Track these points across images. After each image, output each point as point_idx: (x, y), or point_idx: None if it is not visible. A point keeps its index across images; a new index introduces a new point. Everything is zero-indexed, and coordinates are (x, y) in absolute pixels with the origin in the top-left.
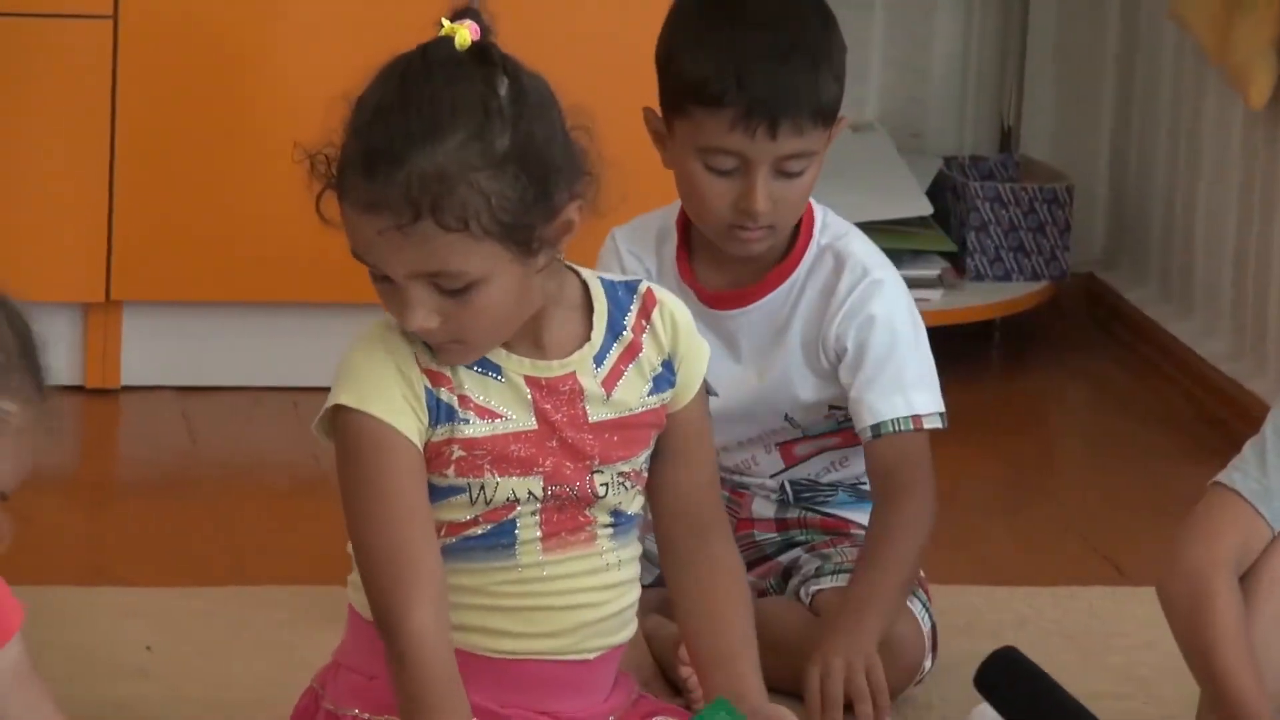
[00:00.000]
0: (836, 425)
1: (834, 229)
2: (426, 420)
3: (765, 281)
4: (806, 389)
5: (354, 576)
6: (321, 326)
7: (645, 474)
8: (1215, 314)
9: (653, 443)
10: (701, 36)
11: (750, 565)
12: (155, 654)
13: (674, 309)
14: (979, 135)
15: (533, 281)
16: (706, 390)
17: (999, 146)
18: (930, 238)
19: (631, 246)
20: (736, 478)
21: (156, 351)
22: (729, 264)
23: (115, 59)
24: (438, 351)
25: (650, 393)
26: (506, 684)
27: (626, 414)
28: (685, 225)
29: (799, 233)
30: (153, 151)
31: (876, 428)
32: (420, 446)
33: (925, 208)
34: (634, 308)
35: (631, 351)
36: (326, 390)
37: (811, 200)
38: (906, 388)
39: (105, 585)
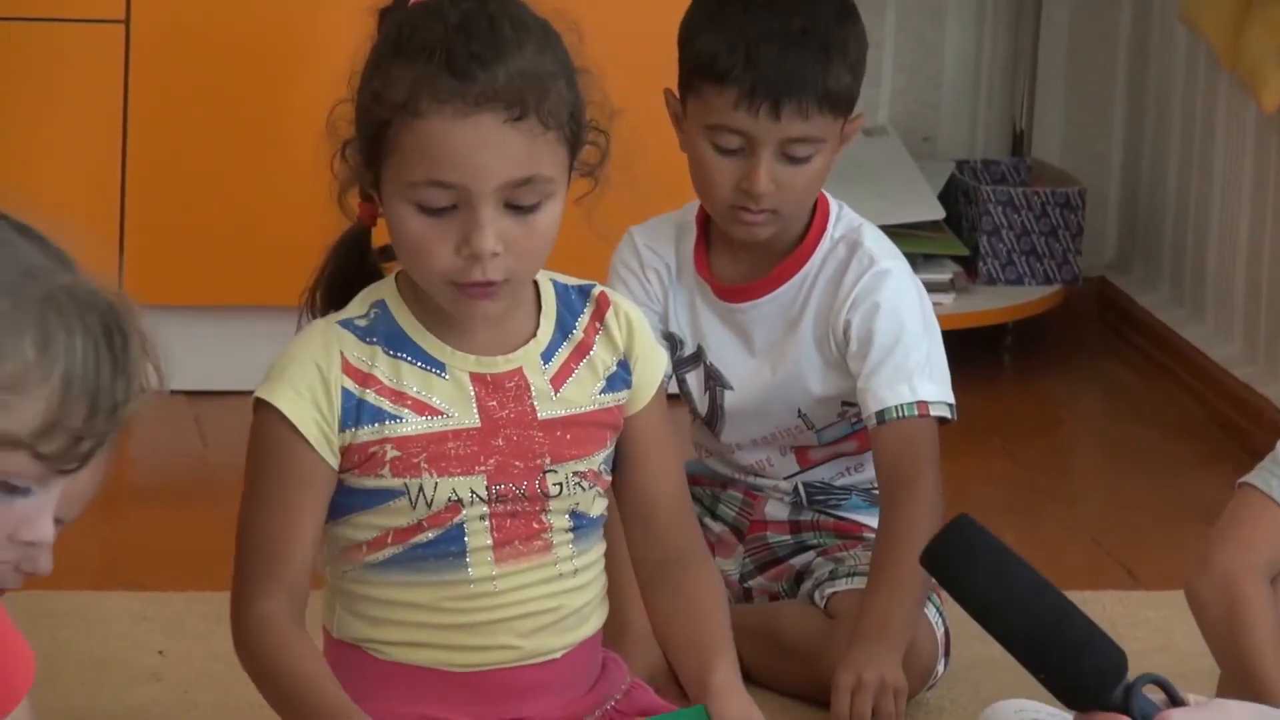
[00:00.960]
0: (850, 428)
1: (848, 222)
2: (335, 422)
3: (777, 273)
4: (817, 381)
5: (325, 595)
6: None
7: (606, 477)
8: (1228, 318)
9: (610, 444)
10: (717, 16)
11: (763, 568)
12: (167, 658)
13: (629, 311)
14: (991, 139)
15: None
16: (722, 384)
17: (1011, 150)
18: (942, 241)
19: (649, 242)
20: (751, 479)
21: (168, 355)
22: (744, 257)
23: (127, 63)
24: (470, 304)
25: (603, 391)
26: (478, 697)
27: (577, 411)
28: (704, 219)
29: (812, 225)
30: (164, 155)
31: (881, 414)
32: (324, 449)
33: (937, 211)
34: (587, 310)
35: (582, 350)
36: None
37: (828, 195)
38: (912, 375)
39: (117, 590)
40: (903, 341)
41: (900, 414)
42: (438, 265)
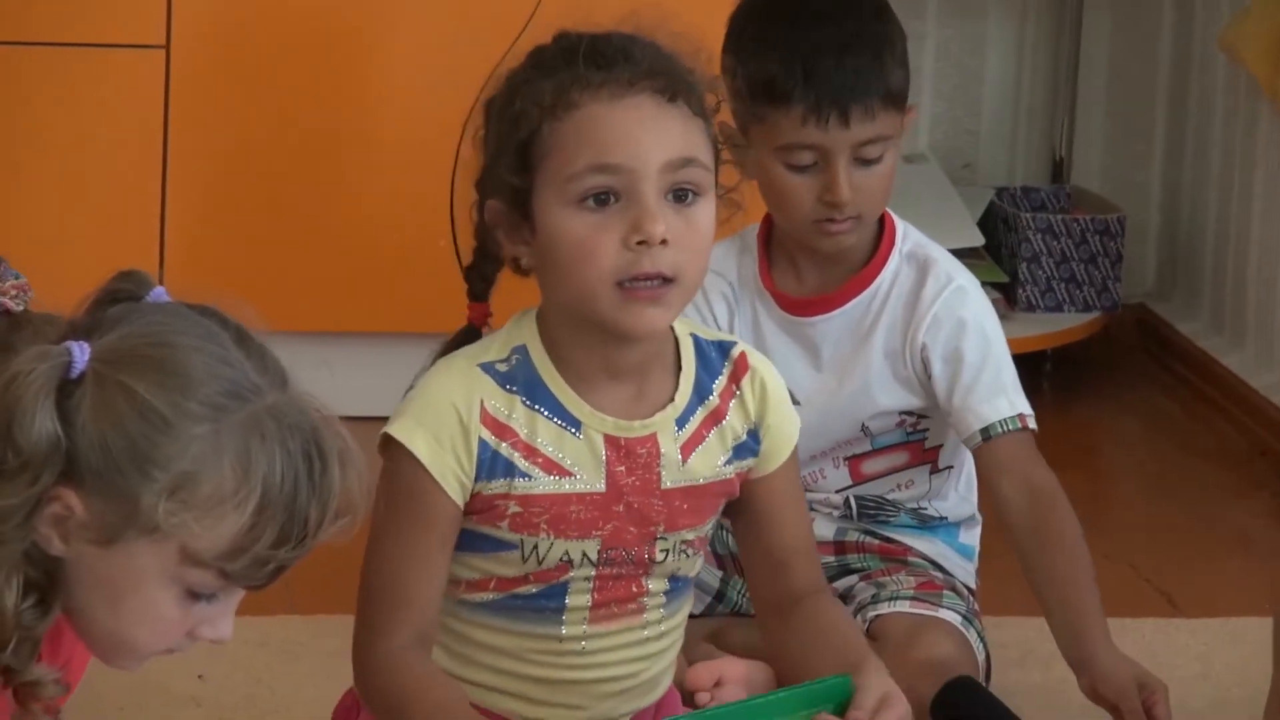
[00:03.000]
0: (905, 436)
1: (915, 237)
2: (472, 472)
3: (848, 287)
4: (886, 394)
5: None
6: (379, 355)
7: (708, 539)
8: (1268, 345)
9: (720, 509)
10: (764, 38)
11: None
12: (207, 683)
13: (765, 375)
14: (1030, 166)
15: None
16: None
17: (1050, 177)
18: (982, 269)
19: (710, 265)
20: None
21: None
22: (810, 272)
23: (167, 88)
24: (638, 311)
25: (727, 462)
26: None
27: (699, 482)
28: (765, 237)
29: (881, 240)
30: (205, 180)
31: (986, 431)
32: (458, 497)
33: (977, 238)
34: (724, 372)
35: (716, 417)
36: (377, 419)
37: (890, 212)
38: (1007, 389)
39: None
40: (991, 358)
41: (1005, 428)
42: (604, 262)
